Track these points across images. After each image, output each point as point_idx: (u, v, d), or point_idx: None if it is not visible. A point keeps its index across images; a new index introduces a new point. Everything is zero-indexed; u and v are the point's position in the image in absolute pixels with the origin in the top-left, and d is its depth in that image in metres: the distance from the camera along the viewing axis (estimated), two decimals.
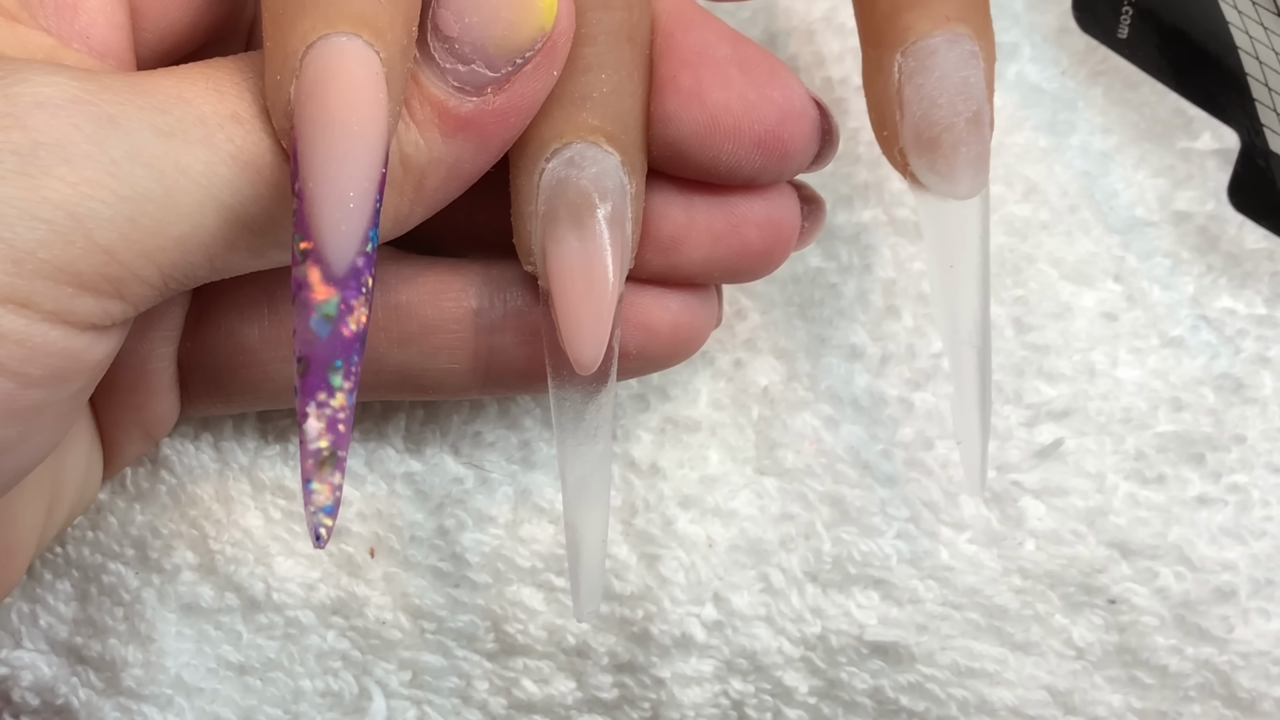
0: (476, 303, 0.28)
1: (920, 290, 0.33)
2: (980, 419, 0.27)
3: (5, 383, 0.21)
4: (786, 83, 0.27)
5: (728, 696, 0.31)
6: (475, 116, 0.24)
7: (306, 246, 0.21)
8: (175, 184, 0.22)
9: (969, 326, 0.27)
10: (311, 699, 0.32)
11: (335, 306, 0.21)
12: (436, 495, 0.32)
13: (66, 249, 0.21)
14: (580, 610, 0.27)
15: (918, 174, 0.26)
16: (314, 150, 0.21)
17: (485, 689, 0.32)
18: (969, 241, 0.27)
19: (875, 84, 0.27)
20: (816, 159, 0.28)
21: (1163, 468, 0.31)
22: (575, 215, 0.25)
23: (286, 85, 0.22)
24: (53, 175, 0.21)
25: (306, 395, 0.21)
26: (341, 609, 0.32)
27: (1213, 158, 0.34)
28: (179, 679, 0.32)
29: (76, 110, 0.21)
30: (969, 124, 0.26)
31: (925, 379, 0.32)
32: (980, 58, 0.26)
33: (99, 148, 0.21)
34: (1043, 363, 0.32)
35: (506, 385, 0.29)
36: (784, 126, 0.27)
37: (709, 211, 0.28)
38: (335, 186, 0.21)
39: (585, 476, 0.27)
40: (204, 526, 0.32)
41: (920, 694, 0.31)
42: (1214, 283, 0.33)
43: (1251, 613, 0.30)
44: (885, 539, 0.31)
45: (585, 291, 0.25)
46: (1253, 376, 0.32)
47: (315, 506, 0.21)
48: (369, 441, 0.32)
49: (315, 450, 0.21)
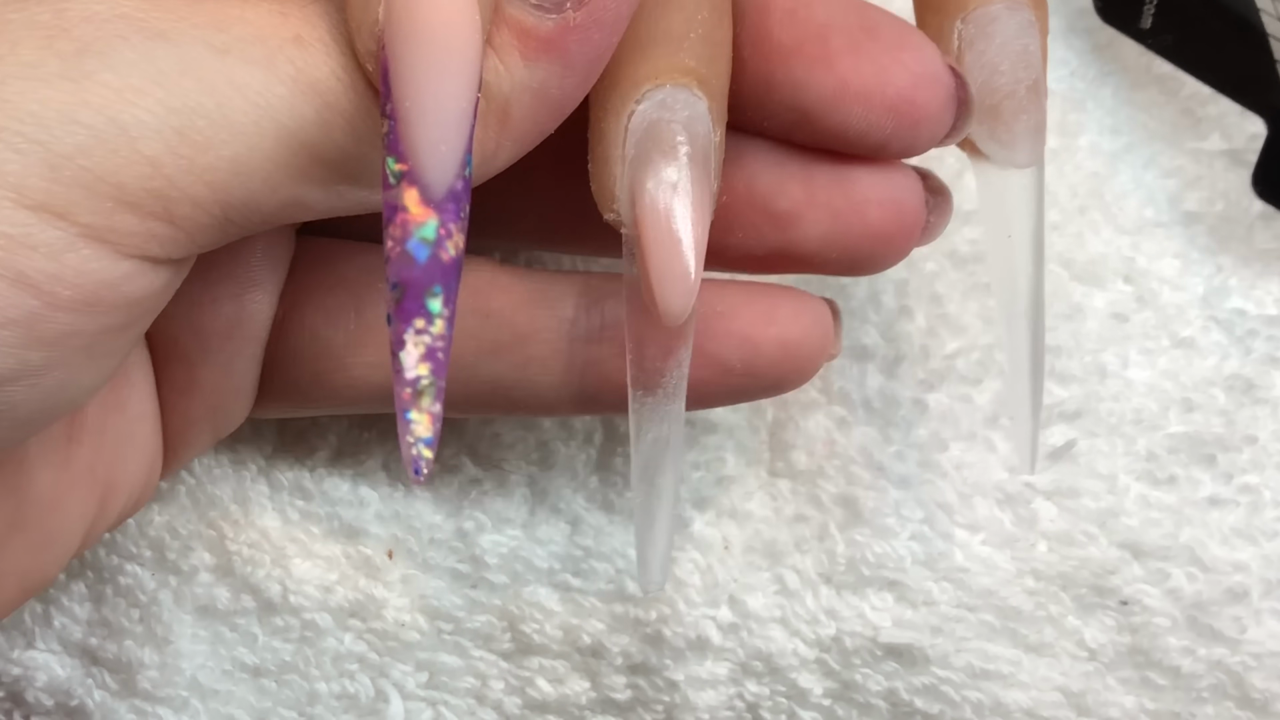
0: (572, 313, 0.28)
1: (933, 290, 0.33)
2: (1031, 393, 0.27)
3: (30, 300, 0.20)
4: (920, 46, 0.26)
5: (742, 699, 0.31)
6: (557, 35, 0.23)
7: (402, 168, 0.20)
8: (228, 100, 0.21)
9: (1024, 298, 0.27)
10: (327, 701, 0.32)
11: (434, 230, 0.20)
12: (454, 497, 0.32)
13: (109, 157, 0.20)
14: (648, 582, 0.27)
15: (978, 142, 0.26)
16: (410, 66, 0.20)
17: (500, 689, 0.32)
18: (1026, 211, 0.27)
19: None
20: (951, 131, 0.26)
21: (1174, 469, 0.32)
22: (668, 158, 0.24)
23: (375, 5, 0.21)
24: (95, 80, 0.20)
25: (403, 322, 0.20)
26: (359, 611, 0.32)
27: (1222, 158, 0.34)
28: (194, 681, 0.32)
29: (125, 24, 0.21)
30: (1029, 92, 0.26)
31: (939, 380, 0.32)
32: (1037, 28, 0.26)
33: (145, 58, 0.21)
34: (1054, 364, 0.32)
35: (601, 403, 0.28)
36: (917, 90, 0.25)
37: (829, 186, 0.26)
38: (434, 103, 0.20)
39: (662, 436, 0.26)
40: (222, 527, 0.32)
41: (935, 696, 0.31)
42: (1224, 283, 0.33)
43: (1264, 613, 0.30)
44: (899, 541, 0.31)
45: (676, 237, 0.24)
46: (1264, 377, 0.32)
47: (414, 437, 0.20)
48: (386, 442, 0.32)
49: (413, 379, 0.20)
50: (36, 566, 0.26)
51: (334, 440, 0.32)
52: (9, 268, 0.20)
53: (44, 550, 0.26)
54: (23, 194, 0.20)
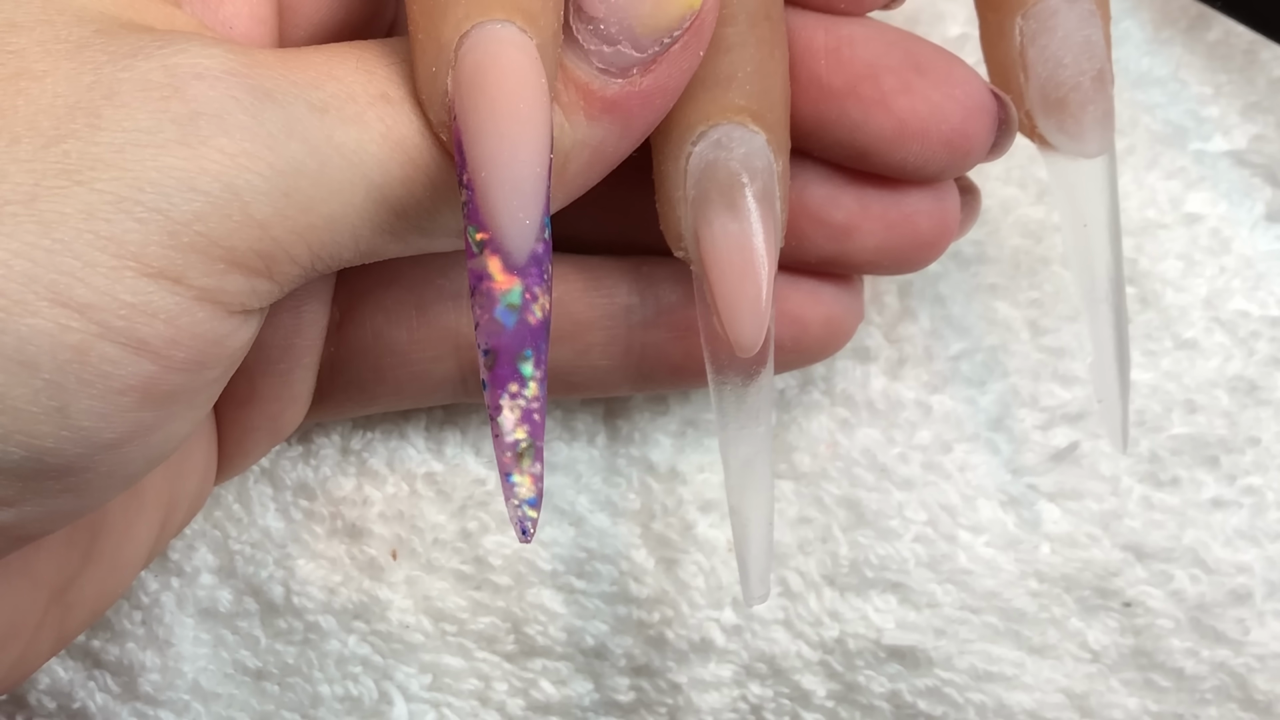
0: (628, 299, 0.29)
1: (937, 292, 0.33)
2: (1119, 376, 0.28)
3: (149, 364, 0.21)
4: (966, 79, 0.27)
5: (746, 701, 0.31)
6: (621, 98, 0.23)
7: (483, 237, 0.21)
8: (328, 160, 0.21)
9: (1104, 284, 0.27)
10: (330, 704, 0.32)
11: (519, 295, 0.21)
12: (458, 497, 0.32)
13: (223, 222, 0.21)
14: (750, 595, 0.27)
15: (1046, 135, 0.27)
16: (483, 138, 0.21)
17: (504, 690, 0.32)
18: (1100, 199, 0.27)
19: (997, 49, 0.27)
20: (993, 149, 0.28)
21: (1177, 470, 0.32)
22: (727, 197, 0.25)
23: (443, 76, 0.21)
24: (211, 146, 0.20)
25: (498, 388, 0.21)
26: (363, 613, 0.31)
27: (1224, 159, 0.34)
28: (196, 684, 0.32)
29: (234, 82, 0.21)
30: (1094, 82, 0.26)
31: (943, 382, 0.32)
32: (1098, 16, 0.26)
33: (256, 120, 0.21)
34: (1058, 365, 0.32)
35: (658, 382, 0.29)
36: (968, 123, 0.27)
37: (882, 200, 0.28)
38: (509, 173, 0.21)
39: (750, 459, 0.26)
40: (225, 527, 0.32)
41: (938, 698, 0.31)
42: (1227, 285, 0.33)
43: (1267, 615, 0.30)
44: (903, 542, 0.31)
45: (742, 273, 0.25)
46: (1267, 378, 0.32)
47: (519, 499, 0.21)
48: (390, 441, 0.32)
49: (513, 443, 0.21)
50: (106, 591, 0.27)
51: (337, 439, 0.32)
52: (130, 336, 0.20)
53: (114, 576, 0.27)
54: (143, 262, 0.20)
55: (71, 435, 0.20)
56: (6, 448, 0.20)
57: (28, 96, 0.21)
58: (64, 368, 0.20)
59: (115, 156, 0.20)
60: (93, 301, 0.20)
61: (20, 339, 0.19)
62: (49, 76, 0.21)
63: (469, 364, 0.29)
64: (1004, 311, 0.33)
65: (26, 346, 0.20)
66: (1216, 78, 0.35)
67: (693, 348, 0.28)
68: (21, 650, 0.25)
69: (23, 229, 0.20)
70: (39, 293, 0.19)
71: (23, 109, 0.20)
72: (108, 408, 0.21)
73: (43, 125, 0.20)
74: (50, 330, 0.20)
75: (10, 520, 0.21)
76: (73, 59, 0.21)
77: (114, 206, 0.20)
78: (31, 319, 0.19)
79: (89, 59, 0.21)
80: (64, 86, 0.21)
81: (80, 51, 0.21)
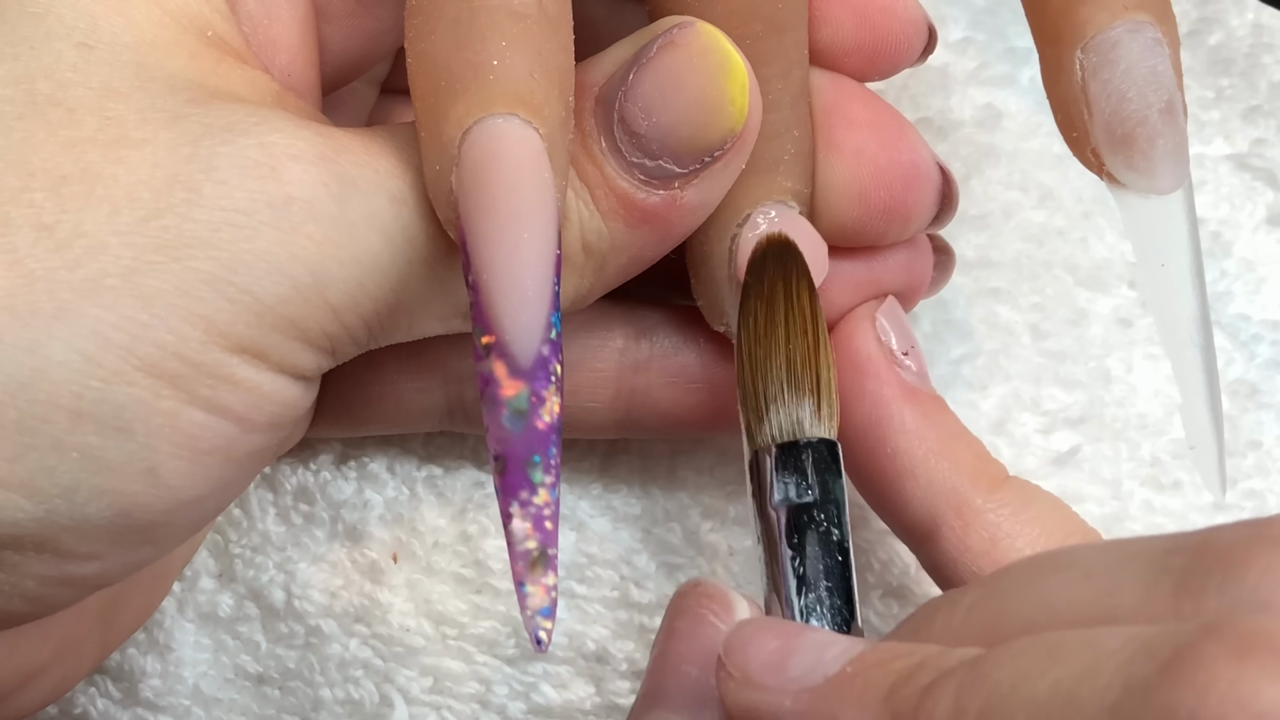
0: (622, 342, 0.29)
1: (938, 295, 0.33)
2: (1212, 420, 0.26)
3: (231, 428, 0.22)
4: (914, 146, 0.27)
5: None
6: (661, 209, 0.24)
7: (489, 341, 0.21)
8: (400, 252, 0.22)
9: (1189, 326, 0.26)
10: (331, 708, 0.32)
11: (526, 400, 0.20)
12: (458, 500, 0.32)
13: (303, 306, 0.22)
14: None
15: (1115, 173, 0.26)
16: (484, 241, 0.21)
17: (505, 694, 0.32)
18: (1177, 237, 0.26)
19: (1058, 84, 0.26)
20: (934, 221, 0.28)
21: (1178, 474, 0.32)
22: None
23: (447, 175, 0.21)
24: (301, 233, 0.21)
25: (508, 495, 0.21)
26: (364, 617, 0.31)
27: (1225, 163, 0.34)
28: (197, 689, 0.32)
29: (325, 168, 0.22)
30: (1162, 114, 0.25)
31: (944, 385, 0.32)
32: (1165, 43, 0.25)
33: (342, 209, 0.22)
34: (1059, 369, 0.32)
35: (645, 427, 0.30)
36: (908, 193, 0.27)
37: (850, 262, 0.28)
38: (511, 276, 0.20)
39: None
40: (225, 531, 0.32)
41: None
42: (1228, 288, 0.33)
43: None
44: (904, 547, 0.31)
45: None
46: (1268, 382, 0.32)
47: (531, 610, 0.21)
48: (390, 446, 0.32)
49: (525, 552, 0.20)
50: (149, 604, 0.29)
51: (337, 443, 0.32)
52: (215, 404, 0.21)
53: (157, 588, 0.29)
54: (229, 339, 0.21)
55: (159, 493, 0.21)
56: (100, 507, 0.21)
57: (127, 165, 0.21)
58: (156, 432, 0.21)
59: (212, 236, 0.21)
60: (183, 373, 0.21)
61: (117, 406, 0.21)
62: (148, 145, 0.21)
63: (456, 396, 0.29)
64: (1005, 315, 0.33)
65: (123, 413, 0.21)
66: (1218, 82, 0.35)
67: (682, 394, 0.28)
68: (68, 668, 0.26)
69: (121, 303, 0.20)
70: (135, 364, 0.21)
71: (123, 178, 0.21)
72: (194, 467, 0.22)
73: (142, 196, 0.21)
74: (145, 399, 0.21)
75: (92, 572, 0.22)
76: (170, 129, 0.22)
77: (208, 286, 0.21)
78: (128, 388, 0.21)
79: (186, 130, 0.22)
80: (163, 156, 0.21)
81: (177, 122, 0.22)
